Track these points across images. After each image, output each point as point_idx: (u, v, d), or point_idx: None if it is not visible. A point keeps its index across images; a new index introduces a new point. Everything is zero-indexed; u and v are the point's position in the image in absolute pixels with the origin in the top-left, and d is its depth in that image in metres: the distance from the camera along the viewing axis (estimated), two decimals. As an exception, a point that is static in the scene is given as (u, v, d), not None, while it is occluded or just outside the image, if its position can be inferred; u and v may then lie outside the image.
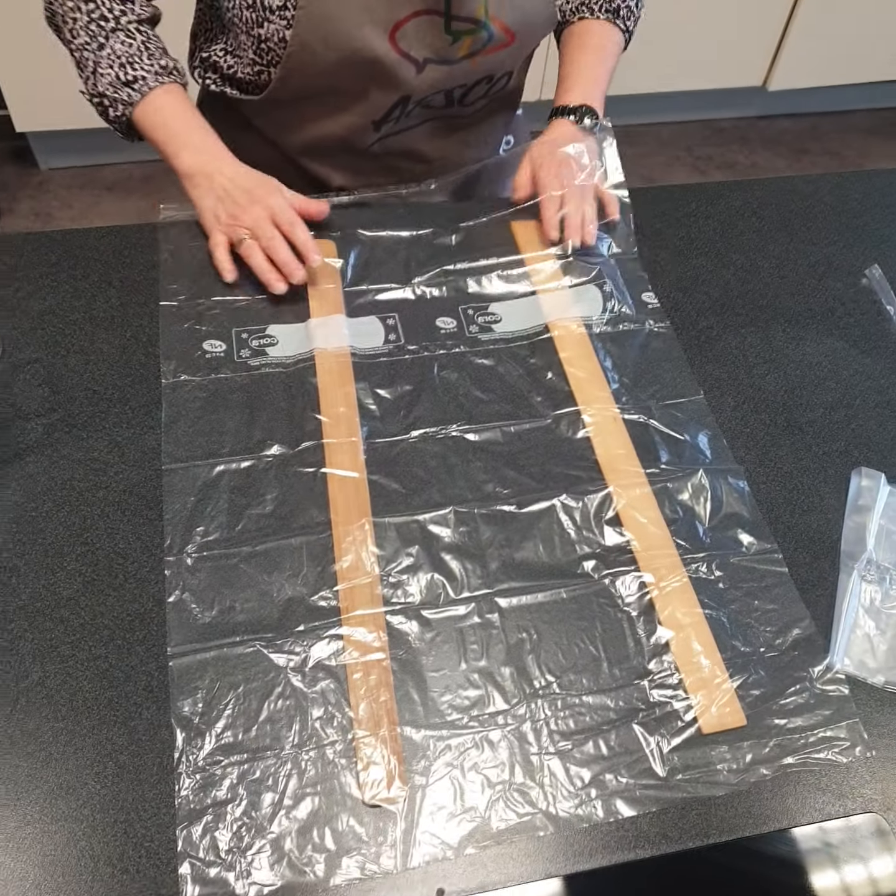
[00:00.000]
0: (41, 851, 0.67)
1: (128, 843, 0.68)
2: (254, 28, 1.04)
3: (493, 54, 1.11)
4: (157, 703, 0.74)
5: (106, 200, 2.58)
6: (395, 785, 0.71)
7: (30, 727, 0.72)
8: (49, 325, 0.98)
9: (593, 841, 0.70)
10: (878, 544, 0.87)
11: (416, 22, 1.04)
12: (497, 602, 0.82)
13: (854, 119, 3.03)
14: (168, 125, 1.03)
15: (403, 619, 0.80)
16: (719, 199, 1.21)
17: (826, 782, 0.74)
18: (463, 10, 1.05)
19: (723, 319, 1.07)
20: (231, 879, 0.67)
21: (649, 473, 0.91)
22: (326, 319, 1.00)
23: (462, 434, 0.93)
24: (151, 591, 0.80)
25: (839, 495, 0.92)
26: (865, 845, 0.71)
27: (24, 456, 0.88)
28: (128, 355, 0.96)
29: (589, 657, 0.79)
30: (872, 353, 1.04)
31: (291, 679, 0.76)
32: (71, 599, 0.79)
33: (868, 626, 0.83)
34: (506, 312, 1.05)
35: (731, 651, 0.81)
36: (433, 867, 0.68)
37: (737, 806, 0.72)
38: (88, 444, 0.89)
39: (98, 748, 0.71)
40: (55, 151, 2.61)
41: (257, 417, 0.92)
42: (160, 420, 0.91)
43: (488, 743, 0.74)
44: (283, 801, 0.70)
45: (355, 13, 1.01)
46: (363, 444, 0.91)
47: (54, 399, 0.92)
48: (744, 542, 0.88)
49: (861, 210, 1.21)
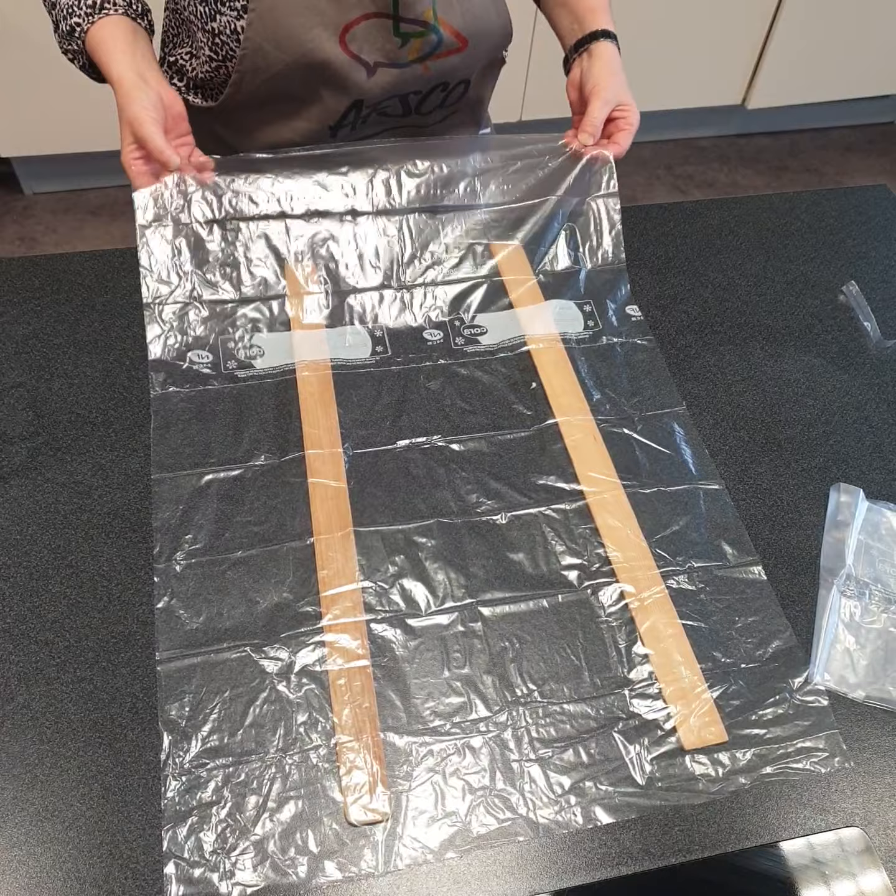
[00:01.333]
0: (27, 874, 0.67)
1: (113, 864, 0.68)
2: (208, 22, 1.05)
3: (444, 59, 1.12)
4: (142, 725, 0.74)
5: (90, 225, 2.58)
6: (378, 790, 0.72)
7: (15, 750, 0.72)
8: (33, 349, 0.99)
9: (576, 858, 0.71)
10: (858, 559, 0.88)
11: (365, 25, 1.05)
12: (480, 611, 0.83)
13: (832, 136, 3.06)
14: (102, 54, 1.01)
15: (387, 627, 0.81)
16: (697, 217, 1.22)
17: (808, 797, 0.75)
18: (410, 11, 1.05)
19: (701, 337, 1.08)
20: (215, 879, 0.68)
21: (630, 485, 0.93)
22: (308, 333, 1.02)
23: (447, 444, 0.95)
24: (136, 612, 0.80)
25: (818, 511, 0.93)
26: (847, 859, 0.72)
27: (9, 479, 0.88)
28: (111, 379, 0.97)
29: (570, 666, 0.80)
30: (850, 370, 1.06)
31: (276, 684, 0.77)
32: (56, 622, 0.79)
33: (848, 641, 0.83)
34: (491, 325, 1.06)
35: (712, 662, 0.82)
36: (417, 885, 0.69)
37: (719, 821, 0.73)
38: (72, 467, 0.89)
39: (83, 770, 0.72)
40: (39, 176, 2.62)
41: (245, 428, 0.94)
42: (144, 443, 0.91)
43: (470, 749, 0.75)
44: (267, 803, 0.71)
45: (305, 15, 1.02)
46: (347, 455, 0.92)
47: (38, 423, 0.93)
48: (725, 553, 0.89)
49: (837, 227, 1.23)
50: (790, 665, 0.82)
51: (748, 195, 1.38)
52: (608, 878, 0.70)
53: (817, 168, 2.94)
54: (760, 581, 0.87)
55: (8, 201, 2.63)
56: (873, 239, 1.21)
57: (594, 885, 0.69)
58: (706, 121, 2.96)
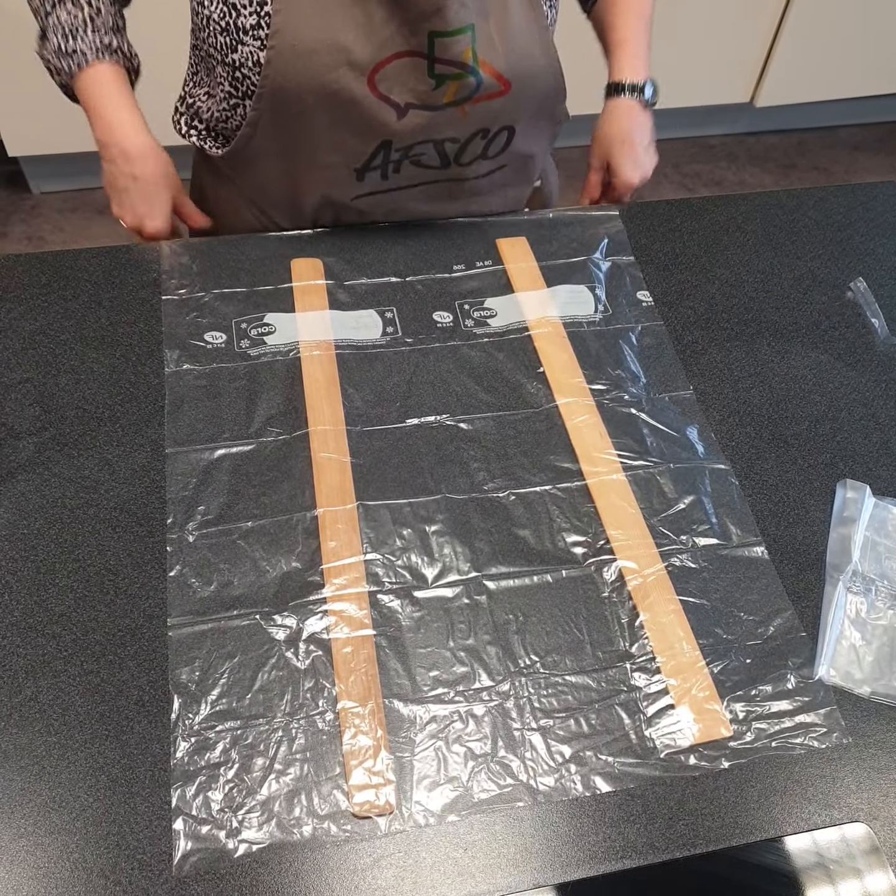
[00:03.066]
0: (34, 864, 0.68)
1: (120, 855, 0.68)
2: (228, 54, 1.00)
3: (484, 103, 1.04)
4: (149, 718, 0.74)
5: (97, 223, 2.58)
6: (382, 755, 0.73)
7: (23, 742, 0.73)
8: (40, 345, 0.99)
9: (581, 851, 0.71)
10: (864, 556, 0.88)
11: (397, 64, 0.98)
12: (485, 585, 0.84)
13: (841, 134, 3.05)
14: (95, 99, 1.04)
15: (393, 598, 0.83)
16: (704, 214, 1.22)
17: (812, 792, 0.75)
18: (447, 52, 0.97)
19: (708, 334, 1.08)
20: (222, 836, 0.69)
21: (636, 464, 0.94)
22: (313, 313, 1.04)
23: (456, 423, 0.96)
24: (143, 606, 0.81)
25: (824, 507, 0.93)
26: (852, 855, 0.72)
27: (16, 474, 0.88)
28: (118, 374, 0.97)
29: (573, 639, 0.82)
30: (857, 366, 1.05)
31: (284, 651, 0.79)
32: (63, 615, 0.80)
33: (854, 637, 0.83)
34: (501, 308, 1.08)
35: (713, 638, 0.82)
36: (422, 877, 0.69)
37: (723, 816, 0.73)
38: (79, 462, 0.90)
39: (90, 762, 0.72)
40: (47, 175, 2.62)
41: (256, 404, 0.96)
42: (150, 438, 0.92)
43: (472, 717, 0.76)
44: (274, 765, 0.73)
45: (330, 53, 0.96)
46: (355, 432, 0.94)
47: (45, 418, 0.93)
48: (730, 533, 0.90)
49: (845, 223, 1.22)
50: (791, 642, 0.83)
51: (755, 192, 1.37)
52: (612, 872, 0.70)
53: (826, 167, 2.94)
54: (763, 560, 0.88)
55: (15, 200, 2.64)
56: (881, 235, 1.21)
57: (598, 879, 0.69)
58: (714, 119, 2.96)
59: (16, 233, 2.55)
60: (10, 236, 2.54)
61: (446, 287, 1.09)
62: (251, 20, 0.97)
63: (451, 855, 0.70)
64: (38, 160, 2.54)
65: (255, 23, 0.97)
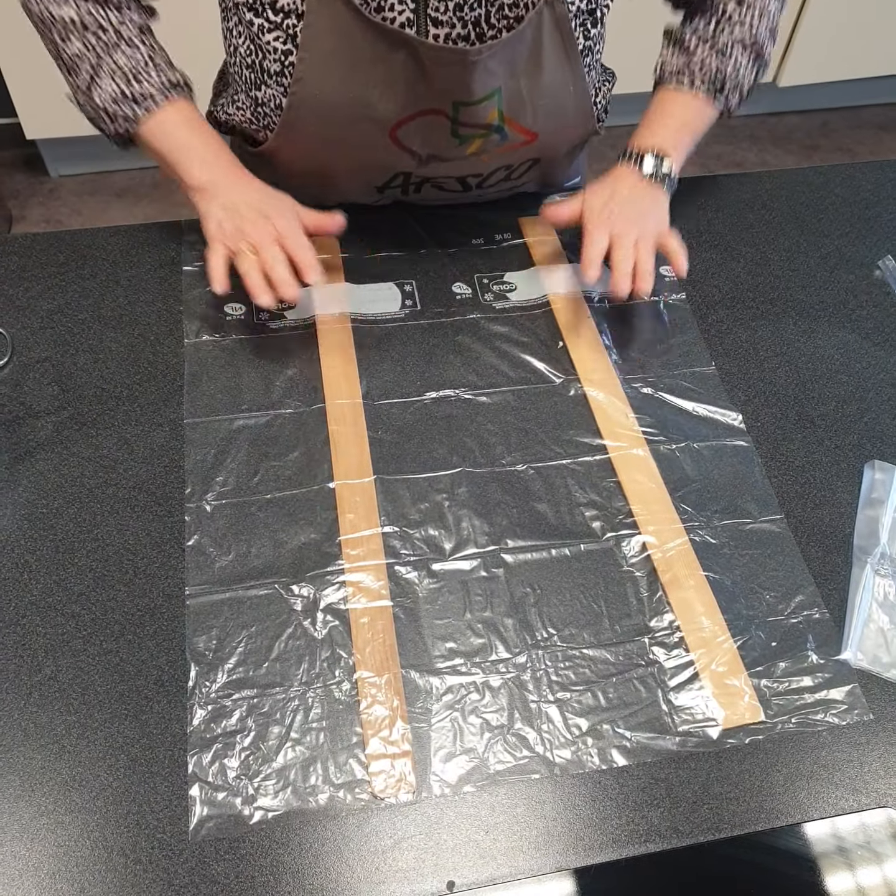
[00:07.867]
0: (55, 842, 0.68)
1: (140, 834, 0.68)
2: (252, 89, 0.99)
3: (509, 152, 1.03)
4: (168, 697, 0.74)
5: (115, 207, 2.58)
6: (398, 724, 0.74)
7: (43, 720, 0.73)
8: (58, 324, 0.99)
9: (604, 834, 0.70)
10: (892, 538, 0.87)
11: (420, 121, 0.96)
12: (503, 558, 0.84)
13: (865, 114, 3.01)
14: (179, 139, 0.96)
15: (411, 570, 0.83)
16: (728, 191, 1.21)
17: (839, 777, 0.74)
18: (473, 118, 0.95)
19: (733, 313, 1.06)
20: (238, 803, 0.70)
21: (657, 440, 0.93)
22: (330, 287, 1.03)
23: (474, 397, 0.95)
24: (161, 585, 0.80)
25: (852, 489, 0.91)
26: (880, 840, 0.71)
27: (35, 454, 0.88)
28: (136, 353, 0.97)
29: (591, 613, 0.81)
30: (885, 346, 1.04)
31: (302, 621, 0.79)
32: (82, 595, 0.79)
33: (882, 621, 0.82)
34: (520, 282, 1.07)
35: (734, 614, 0.82)
36: (443, 859, 0.68)
37: (749, 800, 0.72)
38: (98, 441, 0.89)
39: (110, 741, 0.72)
40: (65, 158, 2.62)
41: (275, 376, 0.96)
42: (169, 417, 0.91)
43: (489, 689, 0.76)
44: (290, 734, 0.73)
45: (353, 107, 0.94)
46: (373, 405, 0.94)
47: (64, 397, 0.93)
48: (750, 509, 0.89)
49: (873, 201, 1.20)
50: (812, 619, 0.82)
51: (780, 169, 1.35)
52: (636, 856, 0.69)
53: (850, 147, 2.90)
54: (785, 535, 0.87)
55: (34, 184, 2.64)
56: (909, 213, 1.19)
57: (621, 862, 0.69)
58: (736, 99, 2.92)
59: (34, 216, 2.55)
60: (28, 219, 2.54)
61: (466, 260, 1.08)
62: (275, 66, 0.95)
63: (472, 837, 0.69)
64: (57, 143, 2.54)
65: (279, 70, 0.95)
